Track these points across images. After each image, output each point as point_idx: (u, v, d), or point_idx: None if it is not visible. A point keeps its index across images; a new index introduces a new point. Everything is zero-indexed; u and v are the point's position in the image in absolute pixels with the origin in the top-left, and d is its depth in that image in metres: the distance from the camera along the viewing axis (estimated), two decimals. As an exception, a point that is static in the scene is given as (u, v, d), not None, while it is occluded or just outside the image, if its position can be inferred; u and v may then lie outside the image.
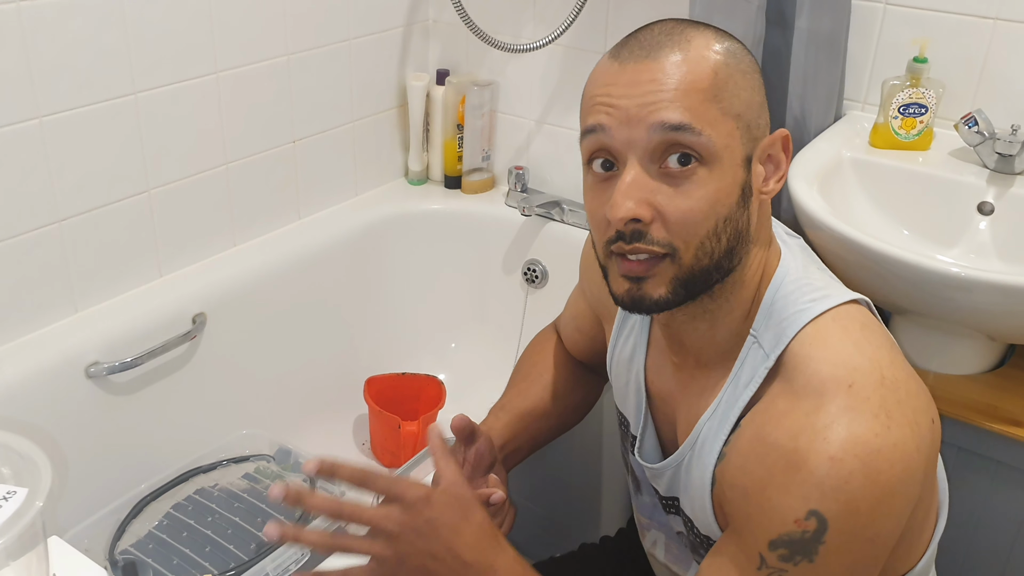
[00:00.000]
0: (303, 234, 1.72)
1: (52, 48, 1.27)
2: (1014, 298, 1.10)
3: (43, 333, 1.37)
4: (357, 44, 1.73)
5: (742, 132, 0.75)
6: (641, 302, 0.77)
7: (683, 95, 0.72)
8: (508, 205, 1.86)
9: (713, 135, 0.73)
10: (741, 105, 0.75)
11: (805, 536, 0.71)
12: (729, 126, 0.74)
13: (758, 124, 0.77)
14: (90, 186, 1.37)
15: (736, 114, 0.74)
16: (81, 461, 1.37)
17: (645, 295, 0.76)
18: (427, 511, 0.77)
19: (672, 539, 0.96)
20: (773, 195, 0.79)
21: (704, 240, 0.74)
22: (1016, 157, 1.30)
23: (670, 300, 0.76)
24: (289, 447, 1.53)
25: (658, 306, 0.77)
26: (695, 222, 0.74)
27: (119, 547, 1.34)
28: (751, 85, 0.76)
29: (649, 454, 0.94)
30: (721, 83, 0.74)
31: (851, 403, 0.71)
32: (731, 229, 0.75)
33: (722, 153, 0.74)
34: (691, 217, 0.73)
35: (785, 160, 0.80)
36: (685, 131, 0.72)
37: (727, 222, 0.75)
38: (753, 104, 0.76)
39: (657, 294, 0.76)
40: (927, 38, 1.38)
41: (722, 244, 0.75)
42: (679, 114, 0.72)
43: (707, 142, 0.73)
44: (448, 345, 1.95)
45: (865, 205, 1.37)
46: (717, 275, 0.77)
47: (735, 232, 0.76)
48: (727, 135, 0.74)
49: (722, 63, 0.75)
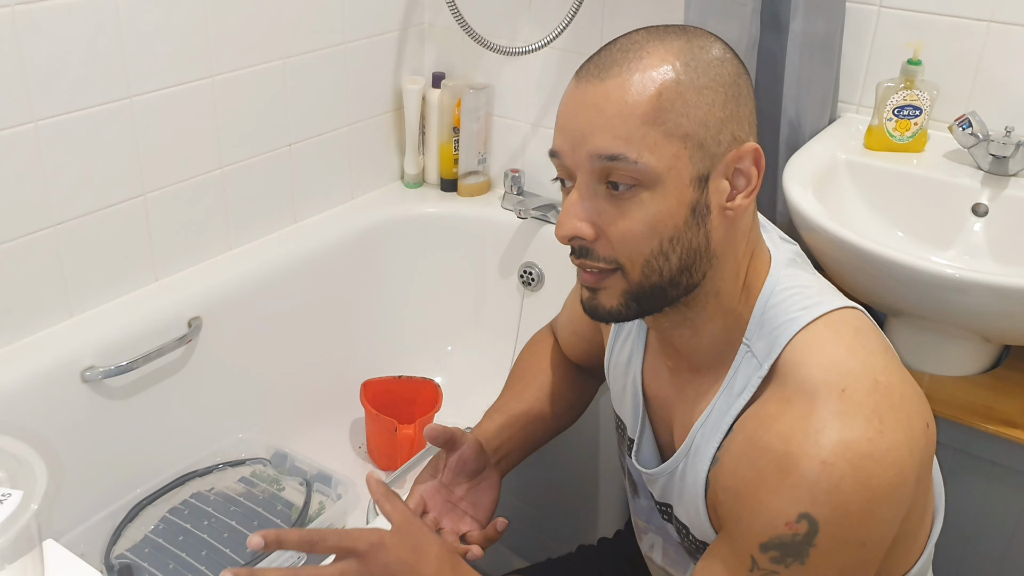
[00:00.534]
0: (299, 238, 1.72)
1: (47, 52, 1.27)
2: (1009, 299, 1.11)
3: (39, 337, 1.37)
4: (352, 48, 1.74)
5: (692, 151, 0.73)
6: (596, 311, 0.79)
7: (620, 122, 0.72)
8: (504, 208, 1.86)
9: (651, 160, 0.72)
10: (691, 124, 0.73)
11: (796, 539, 0.71)
12: (674, 147, 0.72)
13: (717, 140, 0.74)
14: (85, 190, 1.37)
15: (684, 135, 0.73)
16: (77, 465, 1.37)
17: (599, 305, 0.79)
18: (382, 556, 0.80)
19: (669, 543, 0.96)
20: (743, 210, 0.77)
21: (649, 259, 0.75)
22: (1010, 159, 1.31)
23: (622, 312, 0.78)
24: (285, 451, 1.53)
25: (611, 316, 0.79)
26: (635, 242, 0.74)
27: (115, 551, 1.34)
28: (708, 101, 0.73)
29: (647, 458, 0.94)
30: (666, 104, 0.72)
31: (844, 407, 0.71)
32: (681, 248, 0.75)
33: (664, 175, 0.72)
34: (631, 237, 0.74)
35: (756, 174, 0.77)
36: (619, 160, 0.72)
37: (674, 241, 0.74)
38: (710, 121, 0.73)
39: (609, 305, 0.78)
40: (921, 41, 1.39)
41: (672, 262, 0.75)
42: (613, 144, 0.72)
43: (644, 168, 0.72)
44: (444, 348, 1.95)
45: (860, 207, 1.37)
46: (675, 291, 0.77)
47: (688, 250, 0.75)
48: (671, 157, 0.72)
49: (671, 82, 0.72)
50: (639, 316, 0.80)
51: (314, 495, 1.44)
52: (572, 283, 1.14)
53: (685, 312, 0.80)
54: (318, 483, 1.47)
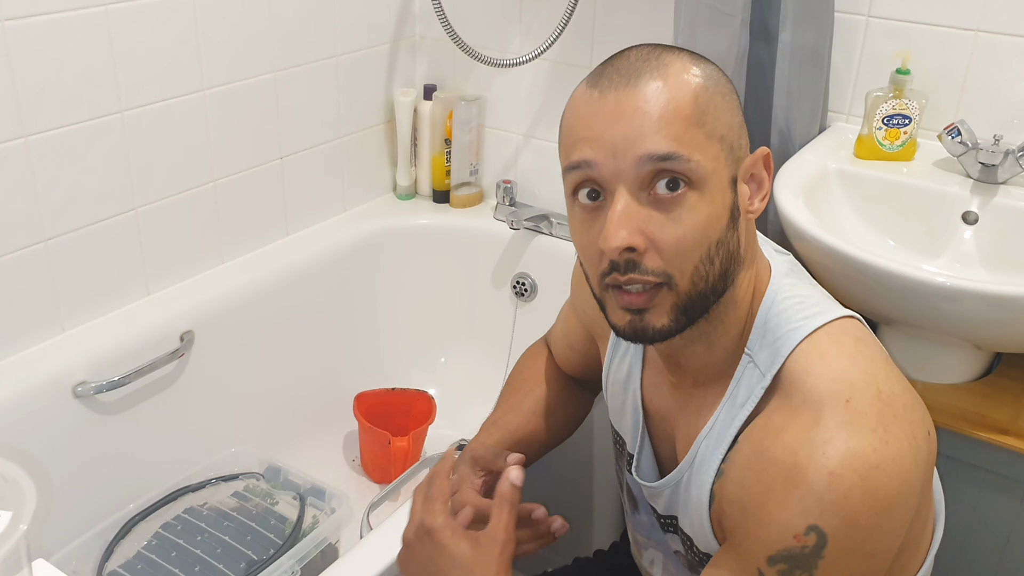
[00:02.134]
0: (291, 250, 1.72)
1: (38, 67, 1.27)
2: (1000, 307, 1.11)
3: (30, 353, 1.36)
4: (344, 60, 1.74)
5: (726, 154, 0.75)
6: (644, 333, 0.76)
7: (668, 123, 0.72)
8: (497, 219, 1.86)
9: (701, 160, 0.72)
10: (723, 127, 0.75)
11: (805, 551, 0.71)
12: (714, 149, 0.74)
13: (740, 144, 0.77)
14: (77, 205, 1.37)
15: (720, 136, 0.74)
16: (69, 481, 1.36)
17: (648, 326, 0.76)
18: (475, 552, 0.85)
19: (670, 558, 0.95)
20: (758, 214, 0.79)
21: (699, 265, 0.74)
22: (999, 167, 1.31)
23: (672, 328, 0.76)
24: (279, 465, 1.52)
25: (661, 335, 0.76)
26: (688, 249, 0.73)
27: (107, 568, 1.33)
28: (730, 107, 0.76)
29: (647, 473, 0.94)
30: (703, 107, 0.73)
31: (849, 418, 0.71)
32: (723, 252, 0.75)
33: (710, 177, 0.73)
34: (684, 244, 0.73)
35: (767, 178, 0.80)
36: (673, 160, 0.72)
37: (719, 245, 0.74)
38: (734, 125, 0.76)
39: (660, 323, 0.75)
40: (909, 50, 1.39)
41: (716, 267, 0.75)
42: (666, 144, 0.71)
43: (695, 167, 0.72)
44: (438, 360, 1.95)
45: (851, 216, 1.38)
46: (713, 298, 0.77)
47: (727, 254, 0.75)
48: (713, 158, 0.73)
49: (702, 86, 0.74)
50: (685, 329, 0.77)
51: (308, 509, 1.43)
52: (565, 294, 1.14)
53: (703, 327, 0.79)
54: (312, 497, 1.46)
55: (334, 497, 1.44)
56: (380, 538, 1.06)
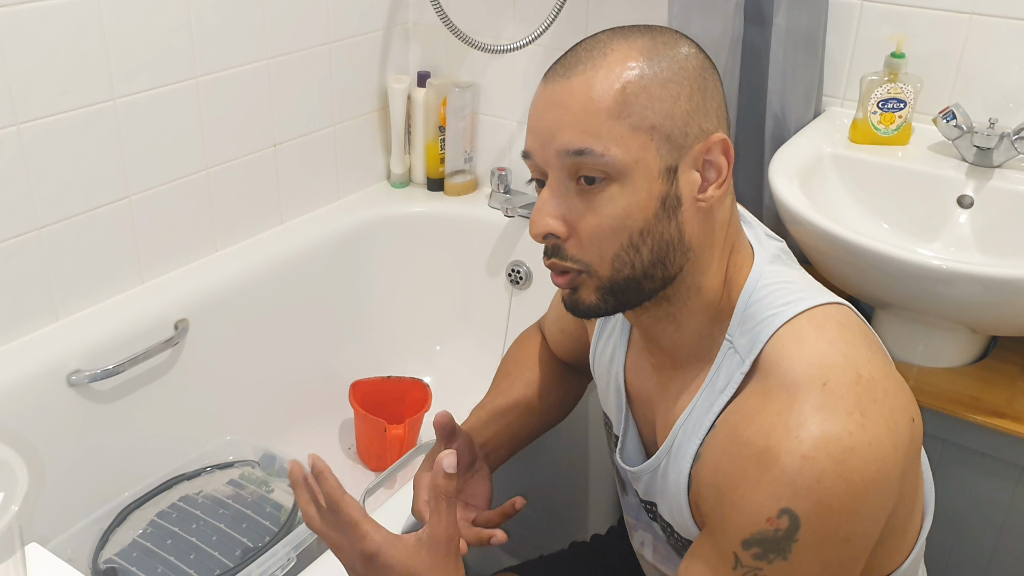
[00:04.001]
0: (285, 238, 1.71)
1: (29, 54, 1.26)
2: (995, 290, 1.11)
3: (24, 342, 1.36)
4: (337, 47, 1.73)
5: (659, 143, 0.74)
6: (576, 307, 0.80)
7: (585, 117, 0.74)
8: (491, 207, 1.86)
9: (618, 152, 0.73)
10: (657, 116, 0.74)
11: (778, 534, 0.71)
12: (640, 140, 0.73)
13: (684, 132, 0.75)
14: (70, 193, 1.36)
15: (650, 127, 0.73)
16: (64, 470, 1.36)
17: (579, 301, 0.79)
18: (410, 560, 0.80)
19: (659, 540, 0.96)
20: (713, 201, 0.77)
21: (619, 253, 0.76)
22: (994, 150, 1.31)
23: (601, 307, 0.79)
24: (274, 452, 1.52)
25: (591, 312, 0.80)
26: (605, 237, 0.75)
27: (103, 556, 1.33)
28: (673, 94, 0.74)
29: (631, 455, 0.94)
30: (630, 98, 0.73)
31: (824, 401, 0.70)
32: (652, 241, 0.75)
33: (632, 168, 0.74)
34: (600, 232, 0.75)
35: (726, 165, 0.77)
36: (586, 155, 0.73)
37: (644, 234, 0.75)
38: (675, 113, 0.74)
39: (589, 301, 0.79)
40: (904, 33, 1.39)
41: (644, 255, 0.76)
42: (579, 139, 0.74)
43: (611, 161, 0.73)
44: (433, 348, 1.95)
45: (846, 200, 1.38)
46: (651, 283, 0.77)
47: (660, 243, 0.76)
48: (639, 149, 0.73)
49: (634, 76, 0.73)
50: (619, 310, 0.80)
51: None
52: (559, 280, 1.14)
53: (667, 307, 0.80)
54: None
55: (330, 484, 1.44)
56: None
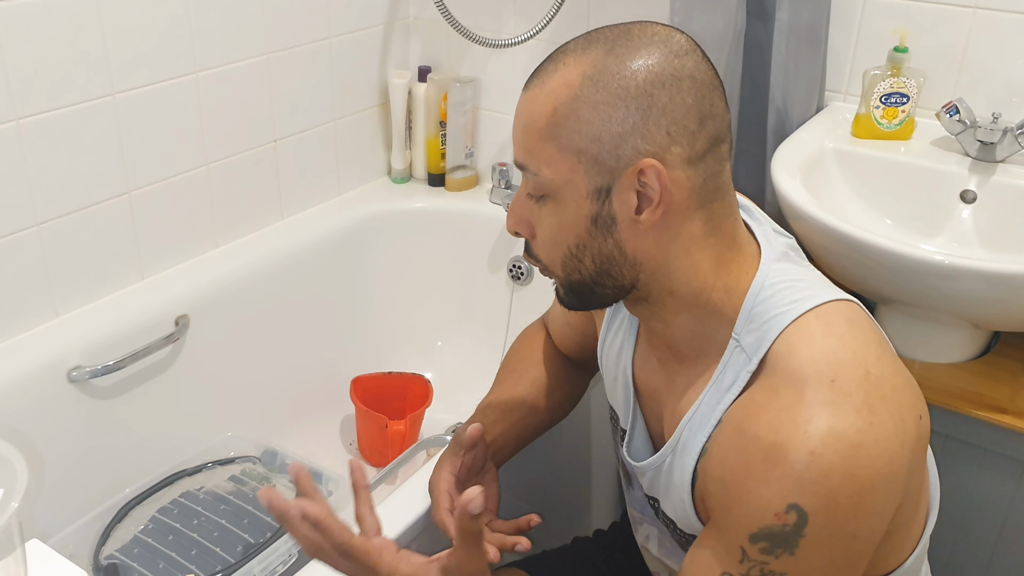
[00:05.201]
0: (286, 234, 1.71)
1: (28, 49, 1.25)
2: (998, 285, 1.10)
3: (24, 338, 1.36)
4: (338, 42, 1.72)
5: (587, 166, 0.74)
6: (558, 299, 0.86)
7: (525, 135, 0.77)
8: (492, 202, 1.85)
9: (548, 172, 0.76)
10: (583, 140, 0.73)
11: (785, 529, 0.71)
12: (569, 162, 0.75)
13: (615, 155, 0.73)
14: (69, 189, 1.36)
15: (577, 150, 0.74)
16: (65, 466, 1.35)
17: (557, 293, 0.85)
18: None
19: (664, 533, 0.96)
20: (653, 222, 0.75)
21: (565, 260, 0.79)
22: (997, 145, 1.31)
23: (567, 302, 0.84)
24: (275, 448, 1.52)
25: (565, 304, 0.85)
26: (547, 246, 0.80)
27: (104, 552, 1.33)
28: (603, 117, 0.72)
29: (638, 448, 0.94)
30: (560, 120, 0.74)
31: (833, 397, 0.70)
32: (591, 254, 0.78)
33: (562, 188, 0.76)
34: (544, 242, 0.80)
35: (658, 190, 0.73)
36: (525, 170, 0.78)
37: (580, 248, 0.78)
38: (604, 137, 0.73)
39: (561, 295, 0.84)
40: (907, 28, 1.38)
41: (587, 266, 0.79)
42: (521, 155, 0.78)
43: (543, 180, 0.76)
44: (434, 343, 1.95)
45: (848, 195, 1.37)
46: (604, 290, 0.80)
47: (599, 256, 0.78)
48: (568, 170, 0.75)
49: (568, 98, 0.73)
50: (586, 308, 0.85)
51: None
52: (561, 275, 1.13)
53: (649, 307, 0.82)
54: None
55: (331, 480, 1.44)
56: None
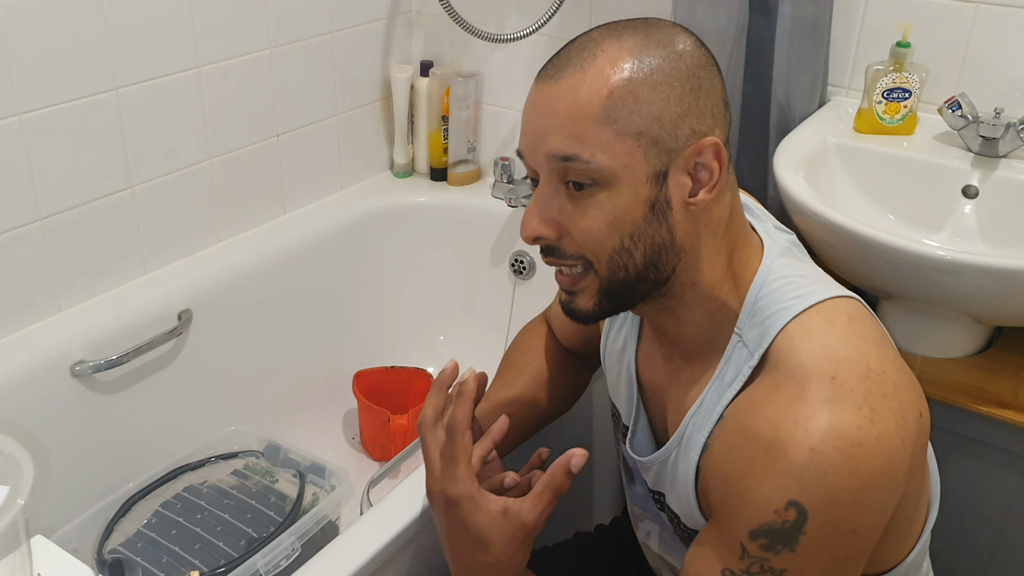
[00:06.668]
0: (289, 229, 1.71)
1: (31, 44, 1.25)
2: (1000, 280, 1.11)
3: (27, 332, 1.36)
4: (340, 37, 1.72)
5: (647, 148, 0.73)
6: (574, 314, 0.81)
7: (572, 123, 0.73)
8: (495, 196, 1.85)
9: (604, 159, 0.73)
10: (644, 122, 0.73)
11: (785, 526, 0.71)
12: (627, 145, 0.73)
13: (674, 136, 0.73)
14: (72, 183, 1.36)
15: (636, 132, 0.73)
16: (68, 460, 1.36)
17: (576, 308, 0.81)
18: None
19: (665, 530, 0.96)
20: (704, 204, 0.76)
21: (613, 255, 0.76)
22: (1000, 140, 1.31)
23: (596, 313, 0.80)
24: (278, 443, 1.52)
25: (586, 318, 0.81)
26: (595, 240, 0.76)
27: (107, 546, 1.33)
28: (663, 97, 0.73)
29: (641, 445, 0.94)
30: (617, 103, 0.72)
31: (834, 394, 0.70)
32: (643, 244, 0.75)
33: (619, 173, 0.73)
34: (591, 236, 0.76)
35: (718, 168, 0.75)
36: (572, 161, 0.73)
37: (635, 238, 0.75)
38: (664, 117, 0.73)
39: (586, 308, 0.80)
40: (910, 23, 1.38)
41: (636, 259, 0.76)
42: (566, 145, 0.73)
43: (598, 167, 0.73)
44: (436, 338, 1.95)
45: (850, 190, 1.37)
46: (644, 286, 0.78)
47: (651, 246, 0.76)
48: (625, 154, 0.73)
49: (623, 81, 0.72)
50: (612, 314, 0.81)
51: (308, 487, 1.43)
52: (563, 270, 1.14)
53: (664, 302, 0.81)
54: (311, 475, 1.46)
55: (334, 474, 1.44)
56: (380, 515, 1.06)
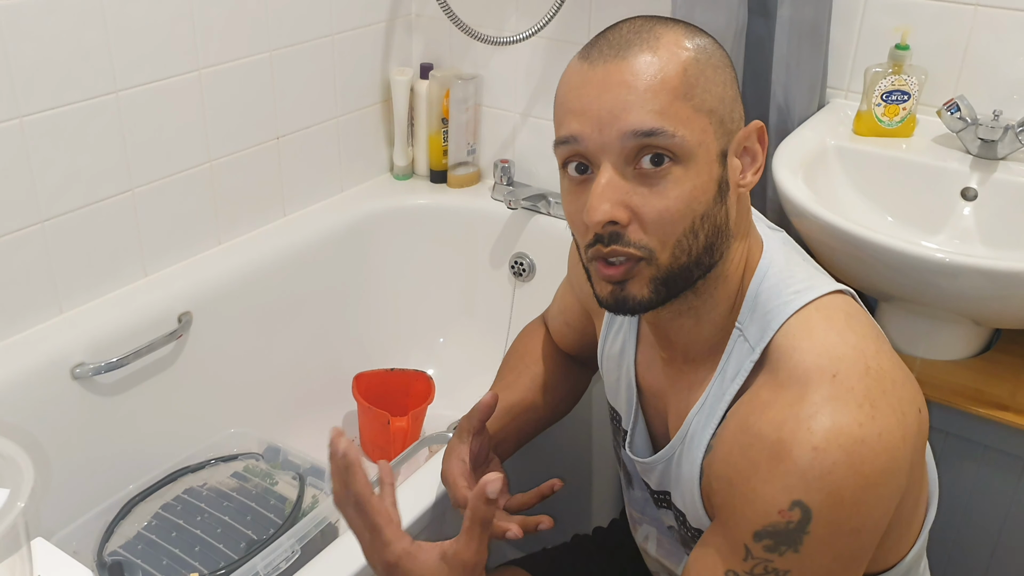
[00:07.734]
0: (289, 231, 1.71)
1: (32, 47, 1.26)
2: (998, 283, 1.11)
3: (28, 335, 1.36)
4: (340, 39, 1.73)
5: (715, 127, 0.74)
6: (624, 303, 0.77)
7: (653, 96, 0.72)
8: (494, 199, 1.85)
9: (686, 134, 0.72)
10: (713, 100, 0.74)
11: (789, 527, 0.71)
12: (702, 122, 0.73)
13: (732, 118, 0.76)
14: (73, 186, 1.36)
15: (709, 110, 0.74)
16: (68, 463, 1.36)
17: (629, 296, 0.76)
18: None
19: (664, 533, 0.96)
20: (751, 187, 0.79)
21: (681, 238, 0.74)
22: (998, 142, 1.31)
23: (652, 300, 0.76)
24: (278, 445, 1.52)
25: (641, 307, 0.77)
26: (672, 221, 0.73)
27: (107, 548, 1.33)
28: (723, 80, 0.75)
29: (640, 448, 0.94)
30: (692, 80, 0.73)
31: (835, 393, 0.71)
32: (709, 225, 0.75)
33: (696, 150, 0.73)
34: (667, 216, 0.73)
35: (761, 151, 0.79)
36: (657, 135, 0.72)
37: (704, 219, 0.74)
38: (726, 98, 0.75)
39: (640, 295, 0.76)
40: (909, 25, 1.38)
41: (700, 241, 0.75)
42: (651, 119, 0.71)
43: (680, 142, 0.72)
44: (436, 340, 1.95)
45: (849, 192, 1.37)
46: (698, 271, 0.77)
47: (713, 228, 0.75)
48: (701, 132, 0.73)
49: (693, 59, 0.74)
50: (667, 301, 0.78)
51: (307, 489, 1.44)
52: (563, 273, 1.14)
53: (692, 300, 0.80)
54: (311, 477, 1.46)
55: (333, 477, 1.44)
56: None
